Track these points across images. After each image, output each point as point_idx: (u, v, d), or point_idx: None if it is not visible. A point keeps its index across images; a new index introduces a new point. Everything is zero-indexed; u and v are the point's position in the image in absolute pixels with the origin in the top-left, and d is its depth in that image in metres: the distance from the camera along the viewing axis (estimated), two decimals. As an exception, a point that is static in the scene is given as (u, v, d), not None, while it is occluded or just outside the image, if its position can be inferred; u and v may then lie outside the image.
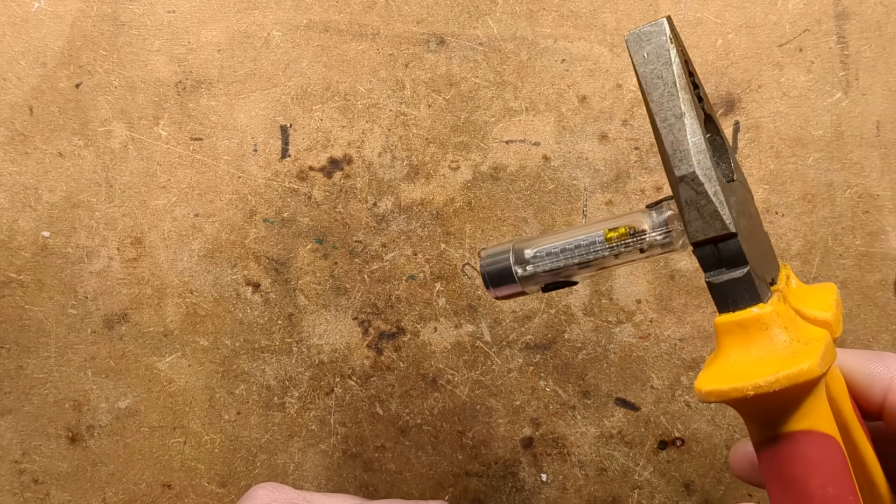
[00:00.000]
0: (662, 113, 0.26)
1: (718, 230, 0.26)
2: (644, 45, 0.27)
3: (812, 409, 0.26)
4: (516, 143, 0.43)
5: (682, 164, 0.26)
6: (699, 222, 0.27)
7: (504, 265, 0.32)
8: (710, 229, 0.27)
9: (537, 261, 0.31)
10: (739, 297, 0.26)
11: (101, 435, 0.43)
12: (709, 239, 0.27)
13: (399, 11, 0.43)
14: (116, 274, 0.43)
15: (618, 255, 0.30)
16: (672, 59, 0.26)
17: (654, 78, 0.27)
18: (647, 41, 0.27)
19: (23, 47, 0.42)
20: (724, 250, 0.27)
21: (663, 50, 0.26)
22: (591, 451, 0.44)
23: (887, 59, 0.43)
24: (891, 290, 0.44)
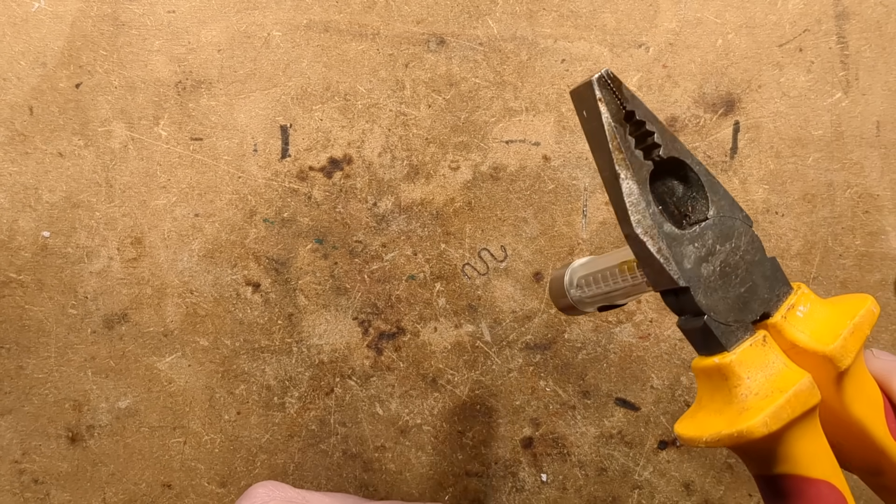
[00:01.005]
0: (603, 173, 0.27)
1: (667, 285, 0.27)
2: (581, 104, 0.26)
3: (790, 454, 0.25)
4: (516, 143, 0.43)
5: (623, 223, 0.26)
6: (652, 276, 0.27)
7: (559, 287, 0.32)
8: (661, 283, 0.27)
9: (581, 287, 0.32)
10: (707, 344, 0.27)
11: (101, 435, 0.43)
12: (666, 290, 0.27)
13: (399, 11, 0.43)
14: (116, 274, 0.43)
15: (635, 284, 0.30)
16: (603, 120, 0.26)
17: (592, 137, 0.26)
18: (582, 99, 0.26)
19: (23, 47, 0.42)
20: (683, 301, 0.27)
21: (594, 110, 0.26)
22: (591, 451, 0.44)
23: (887, 59, 0.43)
24: (891, 290, 0.44)
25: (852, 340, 0.27)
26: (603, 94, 0.26)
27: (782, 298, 0.28)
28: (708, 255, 0.27)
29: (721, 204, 0.28)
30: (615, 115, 0.26)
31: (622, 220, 0.26)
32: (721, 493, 0.44)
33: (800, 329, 0.27)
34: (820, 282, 0.44)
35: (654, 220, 0.26)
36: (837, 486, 0.26)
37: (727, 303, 0.27)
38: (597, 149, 0.26)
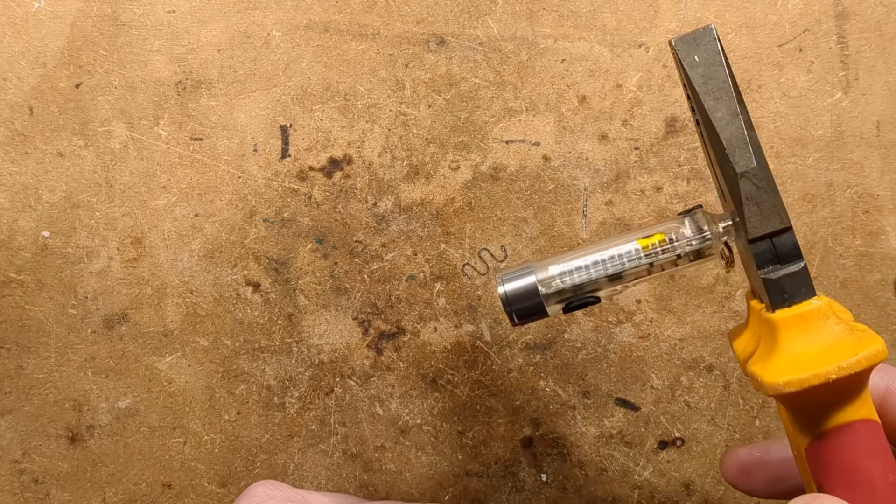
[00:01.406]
0: (718, 112, 0.27)
1: (777, 225, 0.27)
2: (694, 49, 0.27)
3: (865, 398, 0.26)
4: (516, 143, 0.43)
5: (743, 160, 0.27)
6: (758, 218, 0.27)
7: (527, 283, 0.31)
8: (769, 224, 0.27)
9: (565, 276, 0.30)
10: (795, 291, 0.27)
11: (101, 435, 0.43)
12: (766, 234, 0.27)
13: (399, 11, 0.43)
14: (116, 274, 0.43)
15: (653, 263, 0.30)
16: (724, 62, 0.27)
17: (708, 79, 0.27)
18: (697, 45, 0.27)
19: (23, 47, 0.42)
20: (780, 245, 0.27)
21: (715, 53, 0.27)
22: (591, 451, 0.44)
23: (887, 59, 0.43)
24: (891, 290, 0.44)
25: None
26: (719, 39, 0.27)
27: None
28: None
29: None
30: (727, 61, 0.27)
31: (741, 156, 0.27)
32: (721, 493, 0.44)
33: None
34: (820, 282, 0.44)
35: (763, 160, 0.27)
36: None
37: None
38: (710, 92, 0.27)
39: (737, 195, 0.27)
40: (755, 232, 0.27)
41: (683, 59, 0.28)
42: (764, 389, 0.26)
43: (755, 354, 0.28)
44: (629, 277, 0.31)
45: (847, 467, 0.26)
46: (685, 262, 0.30)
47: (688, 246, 0.30)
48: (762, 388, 0.26)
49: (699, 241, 0.30)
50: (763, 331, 0.28)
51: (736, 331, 0.31)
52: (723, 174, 0.28)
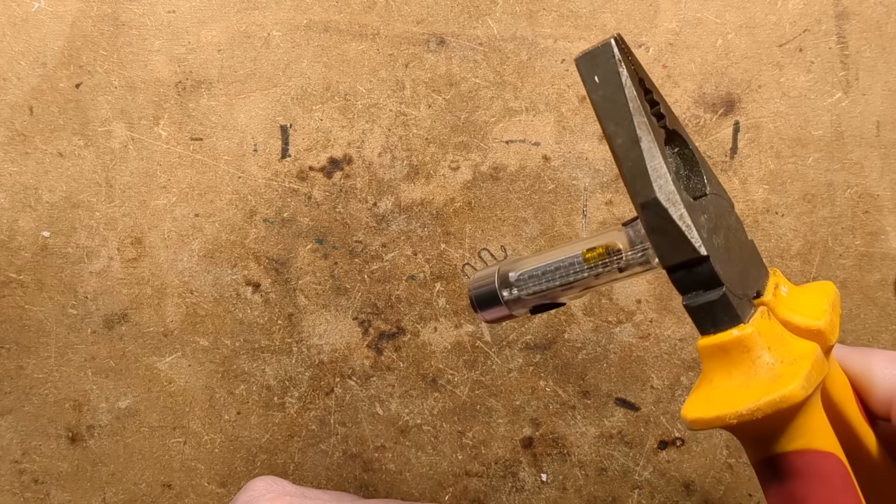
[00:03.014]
0: (619, 139, 0.25)
1: (688, 254, 0.26)
2: (593, 69, 0.25)
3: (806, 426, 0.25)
4: (516, 143, 0.43)
5: (643, 189, 0.25)
6: (667, 248, 0.26)
7: (490, 288, 0.31)
8: (680, 254, 0.26)
9: (521, 283, 0.31)
10: (718, 319, 0.26)
11: (101, 435, 0.43)
12: (680, 263, 0.26)
13: (399, 11, 0.43)
14: (116, 274, 0.43)
15: (598, 275, 0.30)
16: (623, 82, 0.25)
17: (607, 102, 0.25)
18: (595, 64, 0.25)
19: (23, 47, 0.42)
20: (698, 273, 0.26)
21: (613, 73, 0.25)
22: (591, 451, 0.44)
23: (887, 59, 0.43)
24: (891, 290, 0.44)
25: (834, 317, 0.27)
26: (621, 56, 0.25)
27: (766, 278, 0.28)
28: (715, 228, 0.26)
29: (713, 182, 0.28)
30: (632, 79, 0.25)
31: (642, 185, 0.25)
32: (721, 493, 0.44)
33: (789, 306, 0.27)
34: (820, 282, 0.44)
35: (675, 186, 0.25)
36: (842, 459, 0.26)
37: (735, 276, 0.26)
38: (612, 114, 0.25)
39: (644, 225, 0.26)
40: (666, 262, 0.26)
41: (584, 81, 0.25)
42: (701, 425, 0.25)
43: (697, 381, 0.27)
44: (578, 287, 0.30)
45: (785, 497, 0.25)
46: (633, 271, 0.30)
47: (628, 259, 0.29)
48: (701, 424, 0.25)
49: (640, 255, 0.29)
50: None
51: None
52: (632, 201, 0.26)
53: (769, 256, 0.44)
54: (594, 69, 0.25)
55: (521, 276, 0.31)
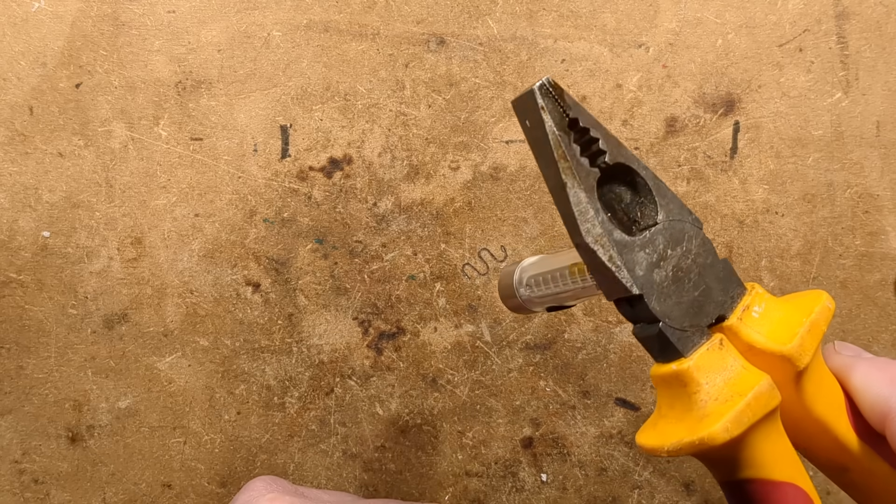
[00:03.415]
0: (549, 181, 0.26)
1: (622, 293, 0.26)
2: (524, 114, 0.26)
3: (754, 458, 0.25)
4: (516, 143, 0.43)
5: (573, 233, 0.26)
6: (605, 285, 0.26)
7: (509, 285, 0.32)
8: (614, 292, 0.26)
9: (531, 287, 0.32)
10: (663, 351, 0.26)
11: (101, 435, 0.43)
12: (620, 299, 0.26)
13: (399, 11, 0.43)
14: (116, 274, 0.43)
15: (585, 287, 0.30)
16: (547, 129, 0.25)
17: (538, 146, 0.26)
18: (525, 109, 0.26)
19: (23, 47, 0.42)
20: (637, 309, 0.26)
21: (537, 119, 0.25)
22: (591, 451, 0.44)
23: (887, 59, 0.43)
24: (891, 290, 0.44)
25: (809, 338, 0.27)
26: (545, 102, 0.25)
27: (737, 300, 0.27)
28: (660, 261, 0.26)
29: (670, 207, 0.27)
30: (559, 124, 0.25)
31: (571, 229, 0.26)
32: (721, 494, 0.44)
33: (756, 329, 0.27)
34: (820, 282, 0.44)
35: (603, 229, 0.26)
36: (803, 486, 0.26)
37: (681, 308, 0.26)
38: (542, 158, 0.26)
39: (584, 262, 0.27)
40: (609, 297, 0.27)
41: (520, 123, 0.26)
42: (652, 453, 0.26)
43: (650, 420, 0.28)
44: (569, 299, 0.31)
45: None
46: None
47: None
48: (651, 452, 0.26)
49: None
50: None
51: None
52: None
53: (769, 256, 0.44)
54: (525, 114, 0.26)
55: (530, 283, 0.32)
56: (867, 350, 0.44)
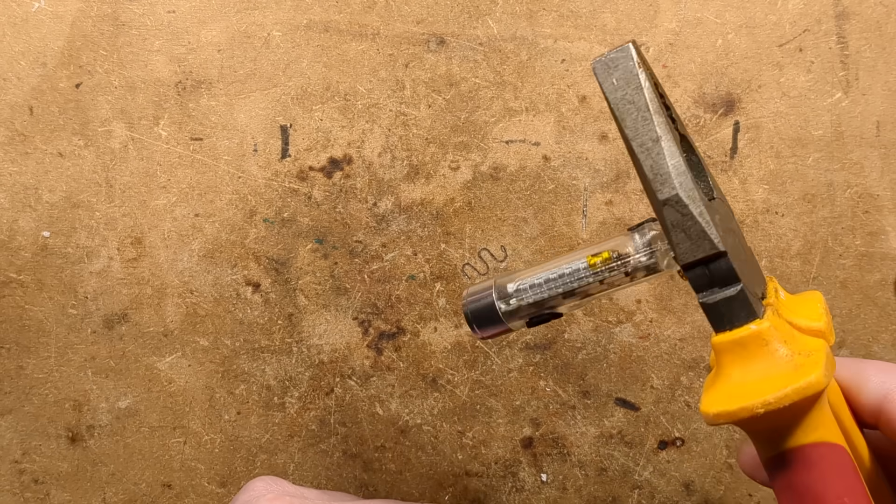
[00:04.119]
0: (639, 138, 0.26)
1: (708, 250, 0.26)
2: (612, 72, 0.26)
3: (819, 420, 0.25)
4: (516, 143, 0.43)
5: (664, 187, 0.26)
6: (687, 244, 0.26)
7: (487, 302, 0.31)
8: (700, 250, 0.26)
9: (521, 294, 0.31)
10: (735, 316, 0.26)
11: (101, 435, 0.43)
12: (698, 260, 0.26)
13: (399, 11, 0.43)
14: (116, 274, 0.43)
15: (603, 280, 0.30)
16: (642, 84, 0.26)
17: (626, 104, 0.26)
18: (614, 67, 0.26)
19: (23, 47, 0.42)
20: (715, 270, 0.26)
21: (632, 75, 0.26)
22: (591, 451, 0.44)
23: (887, 59, 0.43)
24: (891, 290, 0.44)
25: (830, 320, 0.28)
26: (640, 59, 0.26)
27: (766, 283, 0.29)
28: (727, 228, 0.27)
29: (717, 188, 0.29)
30: (649, 81, 0.26)
31: (662, 184, 0.26)
32: (721, 493, 0.44)
33: (789, 309, 0.28)
34: (820, 282, 0.44)
35: (694, 184, 0.26)
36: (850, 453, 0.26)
37: (748, 275, 0.27)
38: (631, 115, 0.26)
39: (663, 223, 0.27)
40: (685, 259, 0.26)
41: (602, 83, 0.26)
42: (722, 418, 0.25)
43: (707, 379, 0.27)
44: (581, 295, 0.30)
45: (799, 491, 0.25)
46: (639, 276, 0.30)
47: (635, 263, 0.29)
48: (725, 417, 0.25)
49: (647, 257, 0.29)
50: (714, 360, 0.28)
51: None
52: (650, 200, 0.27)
53: (769, 256, 0.44)
54: (613, 72, 0.26)
55: (520, 286, 0.31)
56: (867, 349, 0.44)
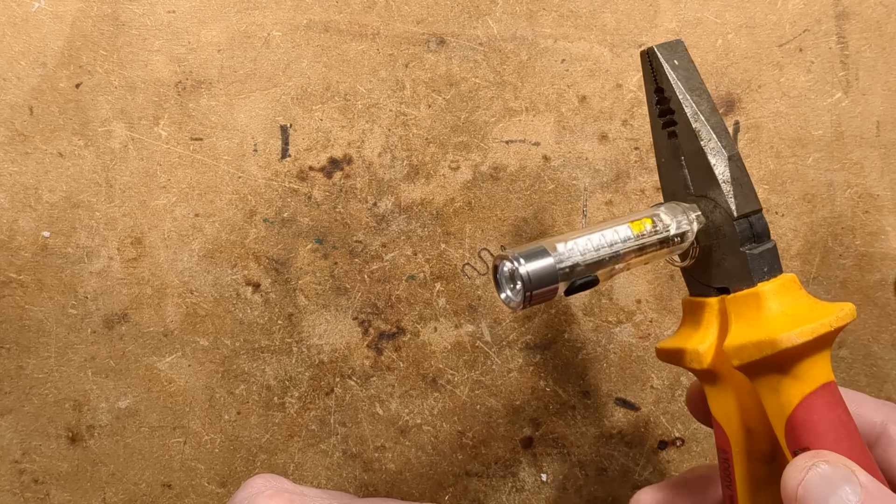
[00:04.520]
0: (702, 105, 0.31)
1: (756, 205, 0.30)
2: (673, 55, 0.31)
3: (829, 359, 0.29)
4: (516, 143, 0.43)
5: (729, 145, 0.31)
6: (742, 198, 0.30)
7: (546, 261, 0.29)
8: (751, 204, 0.30)
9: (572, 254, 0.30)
10: (772, 266, 0.30)
11: (101, 435, 0.43)
12: (747, 213, 0.30)
13: (399, 11, 0.43)
14: (116, 274, 0.43)
15: (642, 247, 0.31)
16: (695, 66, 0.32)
17: (688, 79, 0.31)
18: (674, 52, 0.31)
19: (23, 47, 0.42)
20: (757, 225, 0.30)
21: (689, 59, 0.32)
22: (591, 451, 0.44)
23: (887, 59, 0.43)
24: (891, 290, 0.44)
25: None
26: None
27: None
28: None
29: None
30: None
31: (727, 142, 0.30)
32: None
33: None
34: (820, 282, 0.44)
35: None
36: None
37: None
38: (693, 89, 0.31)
39: (725, 177, 0.30)
40: (741, 210, 0.30)
41: (666, 62, 0.31)
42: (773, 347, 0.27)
43: (730, 335, 0.29)
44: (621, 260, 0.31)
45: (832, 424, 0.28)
46: (666, 247, 0.32)
47: (674, 230, 0.31)
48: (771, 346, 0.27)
49: (681, 225, 0.31)
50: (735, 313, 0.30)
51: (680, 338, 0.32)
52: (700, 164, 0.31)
53: (769, 256, 0.44)
54: (673, 55, 0.31)
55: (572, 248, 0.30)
56: (867, 349, 0.44)
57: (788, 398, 0.28)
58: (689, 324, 0.33)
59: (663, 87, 0.31)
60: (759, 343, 0.28)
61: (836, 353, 0.44)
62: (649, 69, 0.32)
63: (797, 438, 0.28)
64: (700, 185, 0.31)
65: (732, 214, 0.30)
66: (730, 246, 0.30)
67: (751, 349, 0.28)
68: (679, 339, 0.32)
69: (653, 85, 0.32)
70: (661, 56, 0.31)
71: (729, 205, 0.30)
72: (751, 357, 0.28)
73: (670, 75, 0.31)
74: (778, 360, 0.28)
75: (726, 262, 0.31)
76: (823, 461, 0.26)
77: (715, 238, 0.31)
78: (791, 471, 0.26)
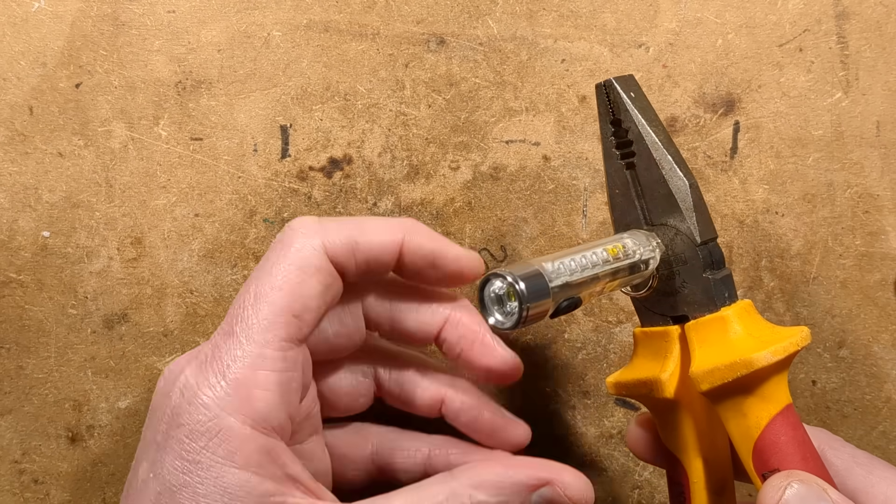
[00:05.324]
0: (661, 136, 0.32)
1: (713, 233, 0.32)
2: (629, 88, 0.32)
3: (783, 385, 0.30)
4: (516, 143, 0.43)
5: (688, 174, 0.32)
6: (703, 225, 0.31)
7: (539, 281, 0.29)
8: (710, 231, 0.31)
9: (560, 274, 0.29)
10: (730, 292, 0.31)
11: (101, 435, 0.43)
12: (707, 240, 0.31)
13: (399, 11, 0.43)
14: (116, 274, 0.43)
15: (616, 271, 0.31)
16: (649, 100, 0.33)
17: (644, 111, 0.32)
18: (629, 85, 0.32)
19: (23, 47, 0.42)
20: (715, 252, 0.31)
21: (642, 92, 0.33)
22: (591, 451, 0.44)
23: (887, 59, 0.43)
24: (891, 290, 0.44)
25: None
26: None
27: None
28: None
29: None
30: None
31: (686, 172, 0.32)
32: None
33: None
34: (820, 282, 0.44)
35: None
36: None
37: None
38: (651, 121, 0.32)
39: (688, 205, 0.31)
40: (704, 236, 0.31)
41: (624, 93, 0.32)
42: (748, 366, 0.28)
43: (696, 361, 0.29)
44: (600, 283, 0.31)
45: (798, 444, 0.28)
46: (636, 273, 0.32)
47: (639, 256, 0.31)
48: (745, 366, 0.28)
49: (645, 252, 0.32)
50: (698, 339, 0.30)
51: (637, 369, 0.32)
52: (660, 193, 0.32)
53: (769, 256, 0.44)
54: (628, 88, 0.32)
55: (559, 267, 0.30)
56: (867, 349, 0.44)
57: (756, 420, 0.28)
58: (645, 355, 0.32)
59: (621, 119, 0.32)
60: (731, 364, 0.28)
61: (837, 353, 0.44)
62: (605, 101, 0.32)
63: (766, 460, 0.28)
64: (659, 214, 0.32)
65: (696, 241, 0.31)
66: (692, 272, 0.31)
67: (723, 371, 0.28)
68: (636, 371, 0.32)
69: (609, 117, 0.33)
70: (620, 88, 0.32)
71: (692, 231, 0.31)
72: (723, 379, 0.28)
73: (629, 107, 0.32)
74: (747, 382, 0.28)
75: (687, 288, 0.31)
76: (797, 481, 0.26)
77: (676, 265, 0.31)
78: (768, 491, 0.27)
